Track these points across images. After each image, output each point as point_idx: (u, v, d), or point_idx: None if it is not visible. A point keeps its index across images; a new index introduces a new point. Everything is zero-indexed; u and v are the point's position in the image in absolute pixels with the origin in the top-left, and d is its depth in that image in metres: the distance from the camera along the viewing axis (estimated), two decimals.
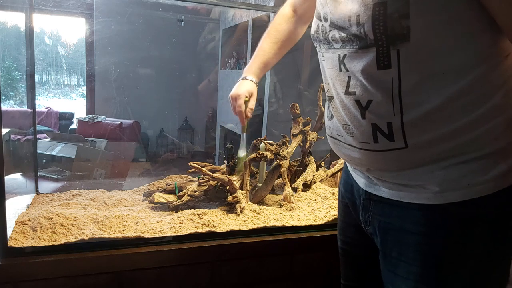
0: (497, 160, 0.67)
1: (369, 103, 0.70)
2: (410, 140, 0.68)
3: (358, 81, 0.71)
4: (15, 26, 5.16)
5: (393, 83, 0.67)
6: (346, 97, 0.74)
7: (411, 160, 0.70)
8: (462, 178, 0.67)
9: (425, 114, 0.66)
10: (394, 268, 0.76)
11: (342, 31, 0.71)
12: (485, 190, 0.67)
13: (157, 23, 5.00)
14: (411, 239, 0.72)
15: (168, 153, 5.24)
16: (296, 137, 1.43)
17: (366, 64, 0.68)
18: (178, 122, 5.39)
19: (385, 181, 0.76)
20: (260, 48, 1.18)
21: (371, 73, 0.68)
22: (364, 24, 0.66)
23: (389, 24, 0.63)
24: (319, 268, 1.19)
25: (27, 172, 1.83)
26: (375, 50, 0.66)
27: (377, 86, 0.69)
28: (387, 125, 0.70)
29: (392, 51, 0.65)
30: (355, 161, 0.80)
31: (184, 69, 5.20)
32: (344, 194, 0.93)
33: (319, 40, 0.80)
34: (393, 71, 0.66)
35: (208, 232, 1.08)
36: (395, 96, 0.67)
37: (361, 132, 0.73)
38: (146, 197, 1.28)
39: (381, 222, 0.78)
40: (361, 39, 0.68)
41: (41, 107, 5.31)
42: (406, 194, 0.72)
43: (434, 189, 0.69)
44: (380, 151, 0.72)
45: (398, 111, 0.68)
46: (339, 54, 0.73)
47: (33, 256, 0.93)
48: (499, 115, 0.66)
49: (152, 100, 5.10)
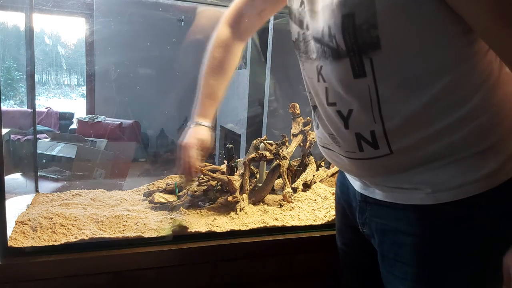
0: (486, 159, 0.67)
1: (350, 112, 0.71)
2: (394, 145, 0.69)
3: (336, 92, 0.71)
4: (15, 26, 5.16)
5: (370, 91, 0.67)
6: (328, 107, 0.74)
7: (398, 165, 0.71)
8: (452, 178, 0.67)
9: (406, 119, 0.66)
10: (391, 269, 0.76)
11: (317, 42, 0.72)
12: (476, 189, 0.67)
13: (157, 23, 4.99)
14: (407, 240, 0.72)
15: (168, 153, 5.23)
16: (296, 137, 1.43)
17: (342, 74, 0.68)
18: (178, 122, 5.38)
19: (378, 185, 0.76)
20: (205, 85, 1.05)
21: (347, 83, 0.69)
22: (335, 35, 0.66)
23: (359, 34, 0.63)
24: (319, 268, 1.19)
25: (27, 172, 1.83)
26: (349, 60, 0.66)
27: (355, 95, 0.69)
28: (370, 133, 0.70)
29: (365, 59, 0.65)
30: (346, 168, 0.81)
31: (184, 69, 5.20)
32: (340, 196, 0.93)
33: (299, 48, 0.80)
34: (368, 79, 0.66)
35: (208, 232, 1.08)
36: (374, 104, 0.67)
37: (347, 142, 0.74)
38: (146, 197, 1.28)
39: (378, 224, 0.78)
40: (333, 50, 0.68)
41: (41, 107, 5.30)
42: (400, 195, 0.73)
43: (427, 190, 0.69)
44: (366, 159, 0.73)
45: (379, 119, 0.68)
46: (317, 65, 0.74)
47: (33, 256, 0.93)
48: (483, 114, 0.66)
49: (152, 100, 5.10)
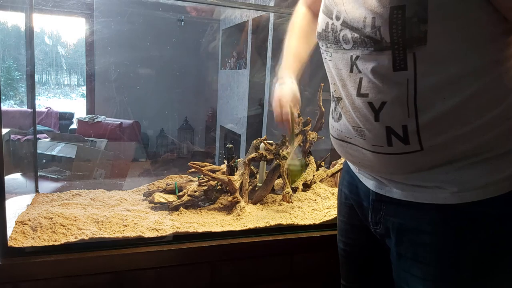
0: (511, 160, 0.67)
1: (383, 105, 0.70)
2: (425, 142, 0.68)
3: (371, 83, 0.70)
4: (15, 26, 5.16)
5: (408, 85, 0.66)
6: (358, 99, 0.73)
7: (425, 162, 0.70)
8: (478, 178, 0.67)
9: (440, 116, 0.66)
10: (409, 268, 0.75)
11: (354, 32, 0.70)
12: (501, 190, 0.67)
13: (157, 23, 5.00)
14: (428, 239, 0.72)
15: (168, 153, 5.24)
16: (296, 137, 1.43)
17: (381, 66, 0.68)
18: (178, 122, 5.39)
19: (396, 182, 0.75)
20: (289, 46, 1.06)
21: (386, 75, 0.68)
22: (380, 27, 0.65)
23: (407, 27, 0.63)
24: (319, 268, 1.19)
25: (27, 172, 1.83)
26: (391, 52, 0.66)
27: (391, 87, 0.68)
28: (402, 128, 0.69)
29: (409, 54, 0.64)
30: (364, 163, 0.79)
31: (184, 69, 5.20)
32: (348, 195, 0.91)
33: (327, 39, 0.78)
34: (409, 73, 0.66)
35: (208, 232, 1.08)
36: (410, 98, 0.67)
37: (374, 135, 0.72)
38: (146, 197, 1.28)
39: (395, 223, 0.77)
40: (376, 41, 0.67)
41: (41, 107, 5.31)
42: (421, 194, 0.72)
43: (452, 189, 0.68)
44: (394, 154, 0.71)
45: (413, 114, 0.67)
46: (351, 55, 0.72)
47: (33, 256, 0.93)
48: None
49: (152, 100, 5.10)
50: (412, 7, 0.62)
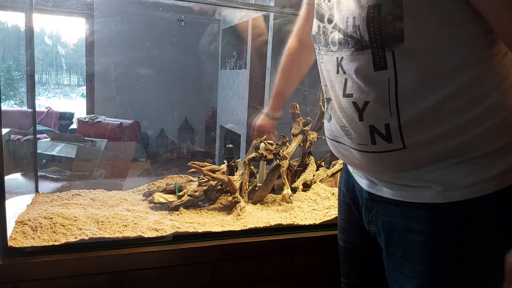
0: (497, 160, 0.67)
1: (366, 104, 0.71)
2: (407, 140, 0.69)
3: (354, 83, 0.72)
4: (15, 26, 5.16)
5: (389, 84, 0.67)
6: (343, 99, 0.75)
7: (410, 161, 0.71)
8: (463, 177, 0.68)
9: (422, 114, 0.67)
10: (399, 267, 0.76)
11: (340, 33, 0.72)
12: (486, 189, 0.67)
13: (157, 23, 5.00)
14: (416, 238, 0.72)
15: (168, 153, 5.24)
16: (296, 137, 1.43)
17: (363, 66, 0.69)
18: (178, 122, 5.39)
19: (386, 182, 0.76)
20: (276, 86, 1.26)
21: (367, 75, 0.69)
22: (359, 26, 0.67)
23: (384, 26, 0.64)
24: (319, 268, 1.19)
25: (27, 172, 1.83)
26: (371, 51, 0.67)
27: (373, 87, 0.69)
28: (385, 127, 0.70)
29: (387, 52, 0.66)
30: (354, 163, 0.81)
31: (184, 69, 5.20)
32: (346, 194, 0.93)
33: (319, 42, 0.81)
34: (389, 72, 0.67)
35: (208, 232, 1.08)
36: (392, 97, 0.68)
37: (359, 134, 0.74)
38: (146, 197, 1.28)
39: (385, 222, 0.78)
40: (356, 40, 0.68)
41: (41, 107, 5.30)
42: (409, 194, 0.73)
43: (437, 188, 0.69)
44: (378, 152, 0.73)
45: (395, 112, 0.68)
46: (337, 57, 0.74)
47: (33, 256, 0.93)
48: (496, 115, 0.67)
49: (152, 100, 5.10)
50: (387, 6, 0.63)
